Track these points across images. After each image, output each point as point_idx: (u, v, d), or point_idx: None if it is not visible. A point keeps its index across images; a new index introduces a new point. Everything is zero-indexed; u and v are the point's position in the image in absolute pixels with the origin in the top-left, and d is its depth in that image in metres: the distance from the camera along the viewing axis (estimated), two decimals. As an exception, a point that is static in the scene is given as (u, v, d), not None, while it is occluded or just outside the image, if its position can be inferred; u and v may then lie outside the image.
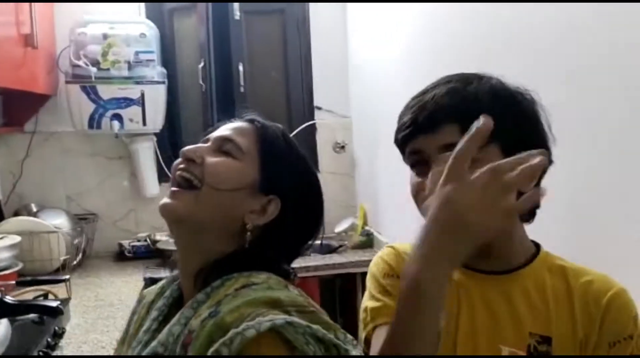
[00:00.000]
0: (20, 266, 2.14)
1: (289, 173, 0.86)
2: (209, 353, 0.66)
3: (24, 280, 1.95)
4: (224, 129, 0.87)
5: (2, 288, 1.44)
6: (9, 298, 1.37)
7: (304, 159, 0.90)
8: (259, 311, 0.69)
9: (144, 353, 0.77)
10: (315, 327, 0.70)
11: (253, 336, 0.66)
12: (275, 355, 0.67)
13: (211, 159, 0.82)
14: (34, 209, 2.69)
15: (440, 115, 0.82)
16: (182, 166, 0.83)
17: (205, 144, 0.85)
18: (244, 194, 0.81)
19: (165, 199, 0.82)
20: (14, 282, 1.91)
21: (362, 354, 0.75)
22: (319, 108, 3.13)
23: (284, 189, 0.84)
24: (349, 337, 0.74)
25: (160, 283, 0.91)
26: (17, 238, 2.20)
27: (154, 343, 0.76)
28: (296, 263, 0.92)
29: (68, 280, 1.87)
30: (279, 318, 0.68)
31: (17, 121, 2.73)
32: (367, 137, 2.85)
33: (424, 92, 0.87)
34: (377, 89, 2.62)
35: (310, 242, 0.93)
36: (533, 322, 0.85)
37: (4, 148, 2.81)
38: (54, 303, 1.37)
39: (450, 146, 0.70)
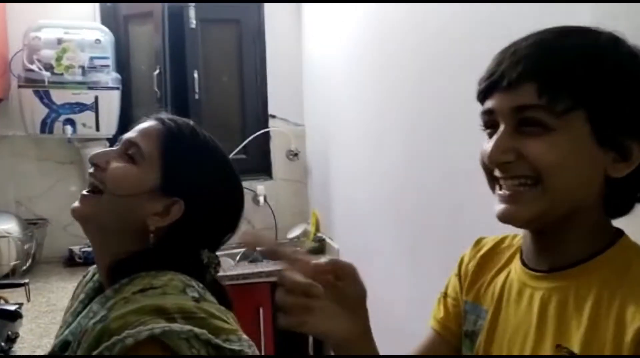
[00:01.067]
0: (-32, 271, 2.12)
1: (194, 173, 0.88)
2: (96, 353, 0.71)
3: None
4: (132, 131, 0.89)
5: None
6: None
7: (214, 157, 0.92)
8: (142, 319, 0.72)
9: (56, 341, 0.83)
10: (199, 330, 0.73)
11: (131, 344, 0.70)
12: None
13: (113, 165, 0.86)
14: (-17, 214, 2.65)
15: (516, 70, 0.68)
16: (90, 171, 0.88)
17: (115, 148, 0.90)
18: (144, 198, 0.84)
19: (75, 203, 0.87)
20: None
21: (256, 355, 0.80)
22: (273, 116, 3.19)
23: (187, 191, 0.86)
24: (244, 338, 0.79)
25: (93, 268, 0.96)
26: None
27: (66, 332, 0.81)
28: (247, 269, 0.97)
29: (27, 284, 1.86)
30: (158, 326, 0.71)
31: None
32: (320, 145, 2.93)
33: (516, 43, 0.71)
34: (330, 97, 2.70)
35: (229, 235, 0.95)
36: (555, 333, 0.69)
37: (-48, 151, 2.77)
38: (13, 307, 1.38)
39: (524, 109, 0.67)
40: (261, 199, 3.12)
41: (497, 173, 0.72)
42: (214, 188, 0.90)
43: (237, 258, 2.91)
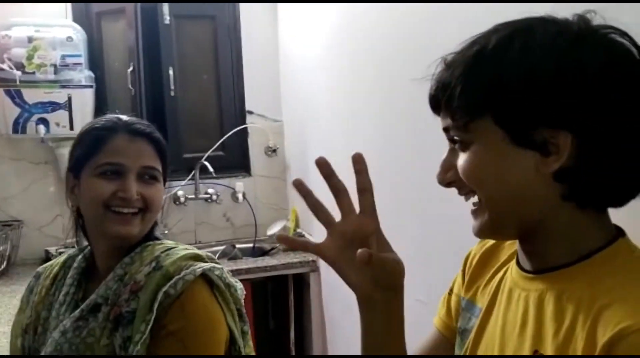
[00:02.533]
0: (-60, 275, 2.07)
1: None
2: (160, 294, 0.94)
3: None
4: (137, 156, 1.05)
5: None
6: None
7: None
8: (189, 263, 0.99)
9: (83, 306, 1.00)
10: (222, 269, 1.03)
11: (191, 279, 0.96)
12: (203, 291, 0.99)
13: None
14: (-46, 217, 2.60)
15: (438, 95, 0.69)
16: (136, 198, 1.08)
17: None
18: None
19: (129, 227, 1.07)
20: None
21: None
22: (251, 112, 3.17)
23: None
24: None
25: (60, 259, 1.14)
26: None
27: (93, 296, 1.00)
28: (228, 266, 1.06)
29: None
30: (205, 265, 1.00)
31: None
32: (299, 140, 2.92)
33: (455, 52, 0.69)
34: (307, 92, 2.69)
35: None
36: (535, 337, 0.67)
37: None
38: None
39: (447, 131, 0.70)
40: (240, 196, 3.10)
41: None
42: None
43: (216, 255, 2.90)
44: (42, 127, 2.69)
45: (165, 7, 3.01)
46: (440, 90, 0.68)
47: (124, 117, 1.08)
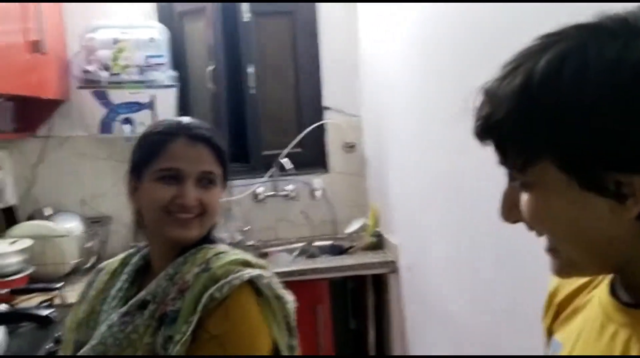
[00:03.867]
0: (31, 270, 2.18)
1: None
2: (206, 296, 0.93)
3: (18, 288, 1.96)
4: (196, 162, 1.05)
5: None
6: (1, 307, 1.39)
7: None
8: (238, 268, 0.98)
9: (132, 301, 1.01)
10: (272, 278, 1.01)
11: (237, 284, 0.95)
12: (249, 298, 0.96)
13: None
14: (47, 213, 2.72)
15: (485, 133, 0.62)
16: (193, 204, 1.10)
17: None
18: None
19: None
20: (5, 291, 1.92)
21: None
22: (328, 108, 3.11)
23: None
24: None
25: (120, 256, 1.16)
26: (28, 242, 2.23)
27: (142, 293, 1.01)
28: (305, 265, 1.07)
29: (61, 288, 1.88)
30: (253, 271, 0.98)
31: (29, 127, 2.77)
32: (378, 136, 2.83)
33: (498, 79, 0.60)
34: (388, 87, 2.60)
35: None
36: None
37: (17, 153, 2.85)
38: (45, 312, 1.38)
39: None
40: (318, 193, 3.06)
41: None
42: None
43: (295, 253, 2.88)
44: (127, 127, 2.77)
45: (245, 4, 3.02)
46: (487, 129, 0.60)
47: (184, 121, 1.08)
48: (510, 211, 0.63)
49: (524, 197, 0.60)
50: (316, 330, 2.62)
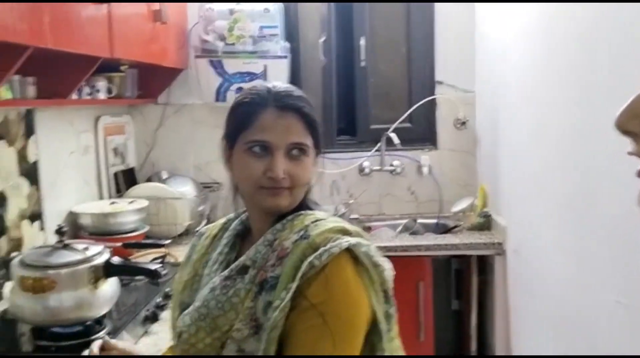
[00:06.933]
0: (146, 228, 2.31)
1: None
2: (305, 264, 0.93)
3: (133, 243, 2.10)
4: (286, 133, 1.03)
5: (112, 248, 1.56)
6: (114, 260, 1.48)
7: None
8: (336, 236, 0.97)
9: (235, 264, 1.03)
10: (370, 246, 0.99)
11: (337, 252, 0.94)
12: (348, 266, 0.95)
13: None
14: (164, 177, 2.87)
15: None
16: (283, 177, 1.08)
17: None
18: None
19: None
20: (119, 244, 2.06)
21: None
22: (440, 83, 3.02)
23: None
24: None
25: (220, 221, 1.17)
26: (145, 203, 2.37)
27: (242, 258, 1.03)
28: (408, 241, 1.05)
29: (167, 244, 1.97)
30: (352, 239, 0.97)
31: (150, 94, 2.92)
32: (491, 113, 2.71)
33: None
34: (505, 63, 2.46)
35: None
36: None
37: (140, 118, 3.04)
38: (156, 267, 1.46)
39: None
40: (425, 169, 3.00)
41: None
42: None
43: (398, 229, 2.84)
44: (239, 97, 2.85)
45: (359, -25, 2.98)
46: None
47: (275, 88, 1.06)
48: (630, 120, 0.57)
49: None
50: (417, 307, 2.59)
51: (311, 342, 0.92)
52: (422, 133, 3.07)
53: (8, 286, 1.57)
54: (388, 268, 1.01)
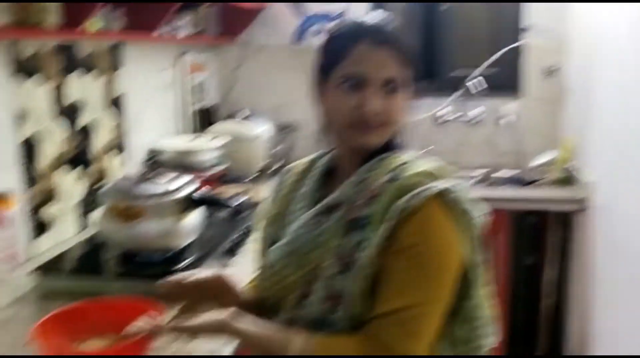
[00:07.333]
0: (226, 165, 2.36)
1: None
2: (396, 207, 0.92)
3: (213, 178, 2.15)
4: (383, 67, 1.00)
5: (201, 182, 1.61)
6: (200, 192, 1.53)
7: None
8: (428, 179, 0.96)
9: (324, 202, 1.03)
10: (459, 192, 0.96)
11: (433, 193, 0.93)
12: (439, 210, 0.94)
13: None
14: (244, 115, 2.90)
15: None
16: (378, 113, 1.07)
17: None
18: None
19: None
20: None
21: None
22: (528, 28, 2.86)
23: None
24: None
25: (308, 159, 1.17)
26: (226, 139, 2.41)
27: (331, 197, 1.02)
28: (485, 193, 0.99)
29: (252, 182, 2.00)
30: (443, 184, 0.95)
31: (231, 33, 2.93)
32: (585, 62, 2.55)
33: None
34: (604, 9, 2.30)
35: None
36: None
37: (220, 57, 3.07)
38: (236, 202, 1.50)
39: None
40: (506, 120, 2.89)
41: None
42: None
43: (475, 180, 2.78)
44: (318, 38, 2.81)
45: None
46: None
47: (369, 22, 1.02)
48: None
49: None
50: (492, 260, 2.55)
51: (405, 283, 0.92)
52: (506, 81, 2.94)
53: (96, 213, 1.64)
54: (477, 216, 0.98)
